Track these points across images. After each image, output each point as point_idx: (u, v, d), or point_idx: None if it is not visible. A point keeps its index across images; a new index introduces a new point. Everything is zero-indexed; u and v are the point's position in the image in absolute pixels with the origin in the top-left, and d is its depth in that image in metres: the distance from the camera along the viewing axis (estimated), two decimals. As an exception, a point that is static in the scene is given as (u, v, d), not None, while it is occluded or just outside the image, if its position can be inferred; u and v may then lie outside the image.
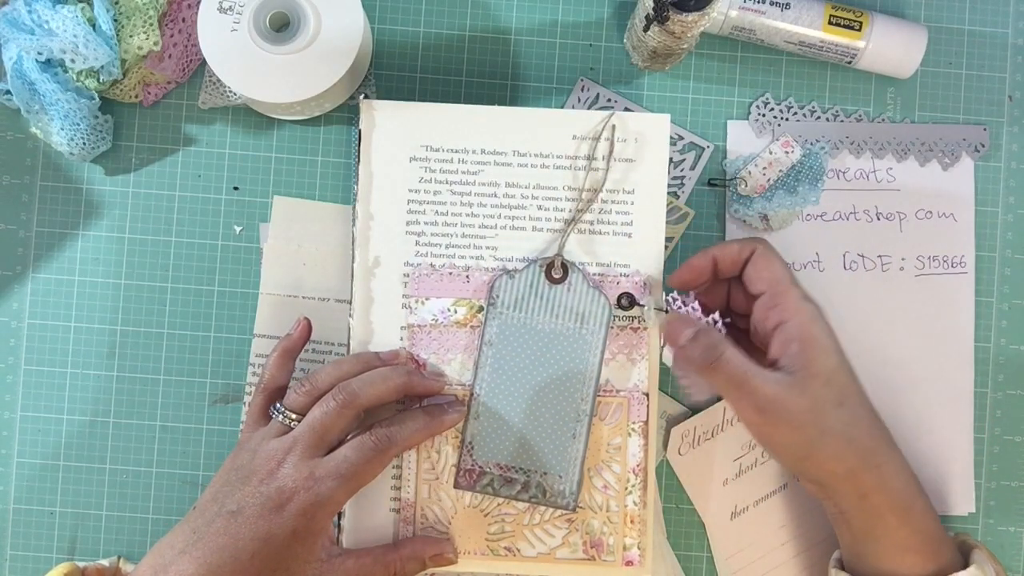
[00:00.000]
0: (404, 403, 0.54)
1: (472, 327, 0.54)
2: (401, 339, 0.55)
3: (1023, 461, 0.59)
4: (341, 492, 0.49)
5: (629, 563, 0.54)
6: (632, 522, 0.54)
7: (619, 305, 0.54)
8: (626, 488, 0.54)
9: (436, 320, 0.55)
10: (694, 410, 0.58)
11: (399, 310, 0.55)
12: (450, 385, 0.54)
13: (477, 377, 0.54)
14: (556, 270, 0.54)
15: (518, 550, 0.54)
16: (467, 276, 0.55)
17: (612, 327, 0.54)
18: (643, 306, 0.53)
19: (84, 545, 0.58)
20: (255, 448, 0.50)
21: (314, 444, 0.49)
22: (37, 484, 0.58)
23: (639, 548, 0.54)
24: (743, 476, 0.58)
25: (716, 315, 0.51)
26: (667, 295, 0.52)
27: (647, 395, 0.54)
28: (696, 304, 0.51)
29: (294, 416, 0.51)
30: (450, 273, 0.55)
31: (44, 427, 0.58)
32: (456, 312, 0.55)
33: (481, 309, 0.54)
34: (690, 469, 0.58)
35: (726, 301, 0.53)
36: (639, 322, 0.54)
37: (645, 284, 0.54)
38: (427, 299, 0.55)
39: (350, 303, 0.55)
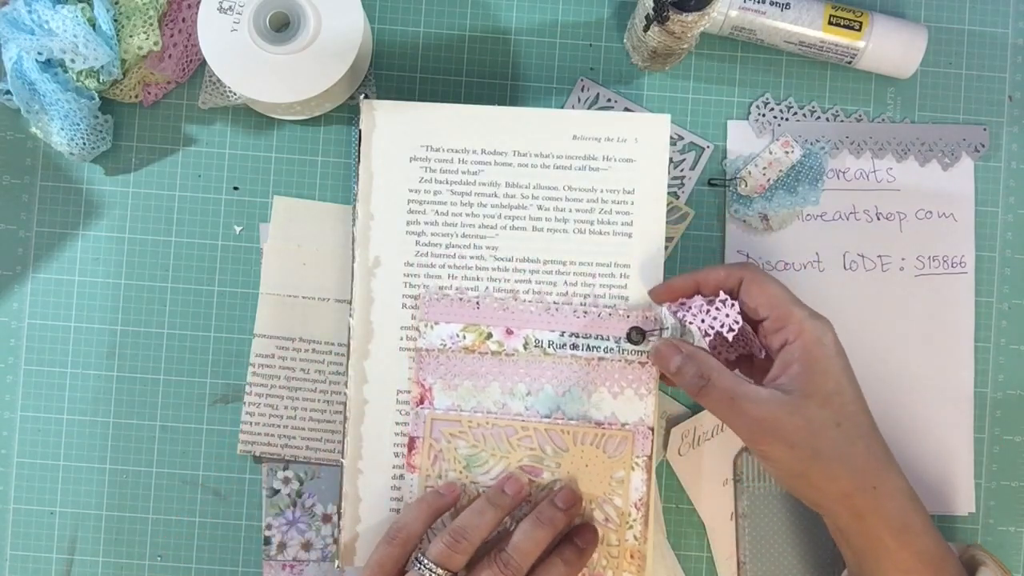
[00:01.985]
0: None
1: (480, 353, 0.54)
2: (401, 336, 0.55)
3: (1023, 461, 0.59)
4: None
5: None
6: (632, 557, 0.53)
7: (629, 340, 0.53)
8: (627, 522, 0.53)
9: (444, 345, 0.54)
10: (694, 410, 0.58)
11: (399, 310, 0.55)
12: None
13: (740, 548, 0.57)
14: None
15: None
16: (477, 303, 0.54)
17: (620, 361, 0.54)
18: (654, 339, 0.53)
19: (84, 545, 0.58)
20: None
21: None
22: (37, 484, 0.58)
23: None
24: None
25: (725, 297, 0.50)
26: (665, 308, 0.52)
27: (652, 430, 0.53)
28: (696, 312, 0.50)
29: None
30: (460, 299, 0.55)
31: (44, 427, 0.58)
32: (465, 338, 0.54)
33: (490, 336, 0.54)
34: (690, 469, 0.58)
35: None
36: (647, 356, 0.54)
37: (652, 317, 0.54)
38: (436, 323, 0.54)
39: (350, 303, 0.55)
